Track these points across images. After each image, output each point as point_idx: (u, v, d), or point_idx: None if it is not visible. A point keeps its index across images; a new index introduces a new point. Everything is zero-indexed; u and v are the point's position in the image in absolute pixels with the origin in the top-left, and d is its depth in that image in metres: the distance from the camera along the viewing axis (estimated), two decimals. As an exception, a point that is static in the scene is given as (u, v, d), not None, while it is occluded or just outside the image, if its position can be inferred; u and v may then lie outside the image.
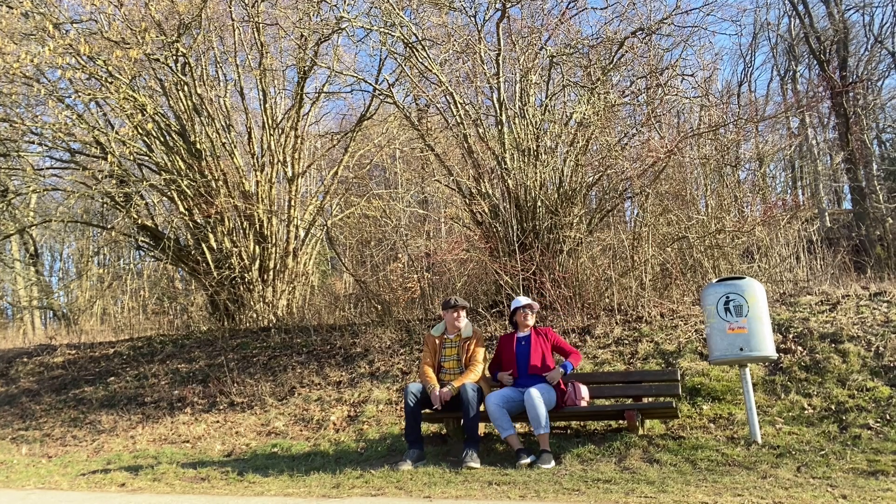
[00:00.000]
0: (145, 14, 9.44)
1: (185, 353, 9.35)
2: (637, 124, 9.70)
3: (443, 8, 9.12)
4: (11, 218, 13.03)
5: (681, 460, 4.55)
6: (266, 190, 10.76)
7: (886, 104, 18.41)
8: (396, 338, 7.90)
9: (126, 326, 13.38)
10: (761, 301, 4.83)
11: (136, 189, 10.21)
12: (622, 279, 7.95)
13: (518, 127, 8.39)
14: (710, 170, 9.20)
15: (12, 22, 8.56)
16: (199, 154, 10.42)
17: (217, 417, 7.15)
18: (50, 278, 20.10)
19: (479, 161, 8.52)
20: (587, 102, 8.33)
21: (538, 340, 5.30)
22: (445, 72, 8.79)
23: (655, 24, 8.77)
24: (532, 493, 4.02)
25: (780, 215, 9.20)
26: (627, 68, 9.43)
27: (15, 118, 9.79)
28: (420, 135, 9.58)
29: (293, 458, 5.67)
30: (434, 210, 13.12)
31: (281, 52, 11.73)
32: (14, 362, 10.55)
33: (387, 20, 8.45)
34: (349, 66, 11.48)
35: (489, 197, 8.34)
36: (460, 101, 8.45)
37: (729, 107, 10.68)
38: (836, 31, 16.53)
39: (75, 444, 7.18)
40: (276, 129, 10.90)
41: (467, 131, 8.42)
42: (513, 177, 8.08)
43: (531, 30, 9.18)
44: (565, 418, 5.35)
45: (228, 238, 10.52)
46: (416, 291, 9.74)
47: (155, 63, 9.77)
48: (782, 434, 4.78)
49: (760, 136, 11.18)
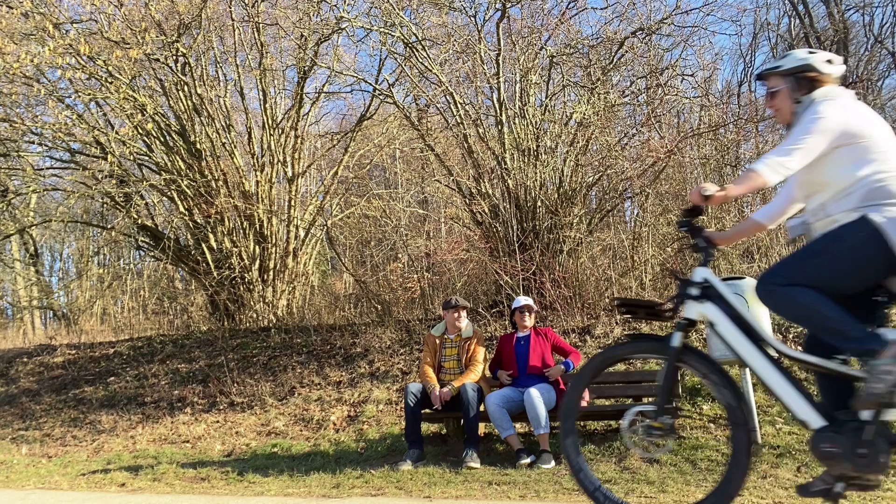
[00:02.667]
0: (145, 14, 9.44)
1: (185, 353, 9.35)
2: (637, 124, 9.71)
3: (443, 8, 9.12)
4: (11, 218, 13.02)
5: (681, 460, 4.55)
6: (266, 190, 10.75)
7: (886, 104, 18.40)
8: (396, 338, 7.90)
9: (126, 326, 13.38)
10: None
11: (136, 189, 10.20)
12: (622, 279, 7.95)
13: (518, 127, 8.39)
14: (710, 170, 9.20)
15: (12, 22, 8.56)
16: (199, 154, 10.41)
17: (217, 417, 7.15)
18: (50, 278, 20.10)
19: (479, 161, 8.52)
20: (587, 102, 8.33)
21: (538, 340, 5.30)
22: (445, 72, 8.79)
23: (655, 24, 8.77)
24: (532, 493, 4.02)
25: (780, 215, 9.19)
26: (627, 68, 9.44)
27: (15, 118, 9.78)
28: (420, 135, 9.58)
29: (293, 458, 5.67)
30: (434, 210, 13.12)
31: (281, 52, 11.74)
32: (14, 362, 10.55)
33: (387, 20, 8.46)
34: (349, 66, 11.48)
35: (489, 197, 8.34)
36: (460, 101, 8.45)
37: (729, 107, 10.67)
38: (836, 31, 16.53)
39: (75, 444, 7.18)
40: (276, 129, 10.90)
41: (467, 131, 8.42)
42: (513, 177, 8.08)
43: (531, 30, 9.18)
44: (565, 418, 5.35)
45: (228, 238, 10.51)
46: (416, 291, 9.74)
47: (155, 63, 9.77)
48: (782, 434, 4.78)
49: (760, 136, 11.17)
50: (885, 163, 2.38)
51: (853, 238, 2.34)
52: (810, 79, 2.58)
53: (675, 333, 2.62)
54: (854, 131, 2.42)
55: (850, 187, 2.39)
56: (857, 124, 2.43)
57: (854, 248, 2.34)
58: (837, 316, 2.32)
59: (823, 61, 2.59)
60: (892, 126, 2.52)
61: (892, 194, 2.32)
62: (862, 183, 2.37)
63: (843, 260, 2.36)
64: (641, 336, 3.19)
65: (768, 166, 2.42)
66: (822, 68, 2.58)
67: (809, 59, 2.59)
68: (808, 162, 2.44)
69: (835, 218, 2.42)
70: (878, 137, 2.43)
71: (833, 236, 2.41)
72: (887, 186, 2.34)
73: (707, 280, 2.60)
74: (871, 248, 2.31)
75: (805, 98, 2.57)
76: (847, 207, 2.39)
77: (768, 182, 2.43)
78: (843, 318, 2.31)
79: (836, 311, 2.32)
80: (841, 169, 2.42)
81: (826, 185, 2.47)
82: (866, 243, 2.31)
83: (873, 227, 2.30)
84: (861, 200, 2.36)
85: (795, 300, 2.39)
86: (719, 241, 2.81)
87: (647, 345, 2.87)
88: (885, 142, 2.44)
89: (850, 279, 2.39)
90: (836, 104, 2.47)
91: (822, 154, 2.43)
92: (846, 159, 2.41)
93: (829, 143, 2.42)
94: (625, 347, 2.87)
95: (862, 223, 2.33)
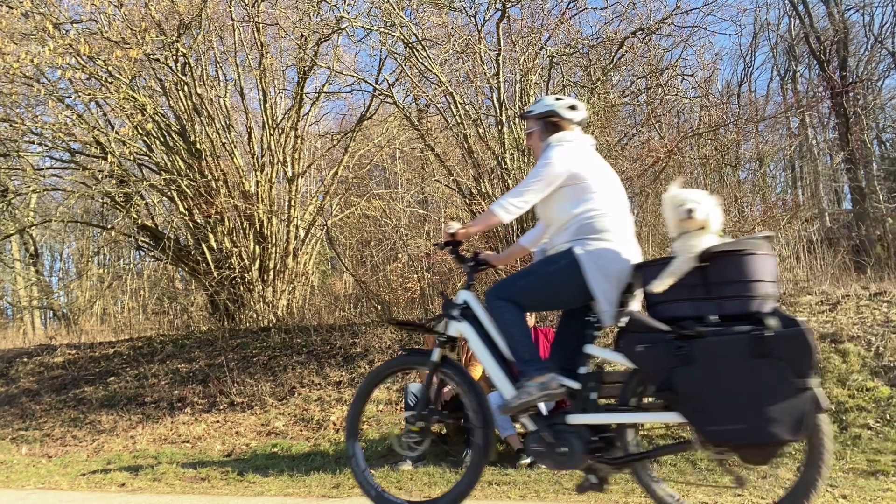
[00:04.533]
0: (145, 14, 9.43)
1: (185, 353, 9.34)
2: (637, 124, 9.71)
3: (443, 8, 9.12)
4: (11, 218, 13.01)
5: (681, 460, 4.55)
6: (266, 190, 10.74)
7: (886, 104, 18.40)
8: (396, 338, 7.90)
9: (126, 326, 13.37)
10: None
11: (136, 189, 10.20)
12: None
13: (518, 127, 8.39)
14: (710, 170, 9.21)
15: (12, 22, 8.56)
16: (199, 154, 10.40)
17: (217, 417, 7.15)
18: (50, 278, 20.10)
19: (479, 161, 8.52)
20: (587, 102, 8.33)
21: (539, 341, 5.30)
22: (445, 72, 8.79)
23: (655, 24, 8.78)
24: (532, 493, 4.02)
25: (780, 215, 9.21)
26: (627, 68, 9.45)
27: (15, 118, 9.77)
28: (420, 135, 9.58)
29: (293, 458, 5.67)
30: (434, 210, 13.12)
31: (281, 52, 11.73)
32: (14, 362, 10.55)
33: (387, 20, 8.46)
34: (349, 66, 11.48)
35: (489, 197, 8.34)
36: (460, 101, 8.45)
37: (729, 107, 10.69)
38: (836, 31, 16.52)
39: (75, 444, 7.18)
40: (276, 129, 10.89)
41: (467, 131, 8.42)
42: (513, 177, 8.08)
43: (531, 30, 9.18)
44: (565, 418, 5.35)
45: (228, 238, 10.51)
46: (416, 291, 9.73)
47: (155, 63, 9.76)
48: (782, 434, 4.78)
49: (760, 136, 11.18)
50: (596, 202, 2.73)
51: (557, 264, 2.73)
52: (554, 123, 2.93)
53: (435, 349, 3.03)
54: (575, 173, 2.75)
55: (568, 223, 2.75)
56: (579, 167, 2.76)
57: (557, 272, 2.71)
58: (521, 338, 2.74)
59: (566, 107, 2.93)
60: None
61: (596, 230, 2.69)
62: (576, 219, 2.73)
63: (548, 281, 2.75)
64: (413, 351, 3.47)
65: (502, 207, 2.79)
66: (565, 114, 2.93)
67: (554, 105, 2.94)
68: (538, 201, 2.81)
69: (557, 248, 2.79)
70: (595, 179, 2.78)
71: (546, 260, 2.82)
72: (593, 223, 2.70)
73: (466, 302, 3.00)
74: (569, 274, 2.66)
75: (546, 141, 2.90)
76: (564, 240, 2.76)
77: (502, 220, 2.82)
78: (524, 341, 2.73)
79: (523, 334, 2.74)
80: (562, 206, 2.78)
81: (553, 220, 2.86)
82: (566, 269, 2.68)
83: (574, 258, 2.66)
84: (573, 234, 2.72)
85: (501, 315, 2.79)
86: (495, 262, 3.21)
87: (415, 358, 3.25)
88: (601, 183, 2.78)
89: (554, 297, 2.79)
90: (564, 149, 2.81)
91: (550, 193, 2.78)
92: (566, 198, 2.76)
93: (555, 184, 2.76)
94: (398, 360, 3.34)
95: (567, 253, 2.70)
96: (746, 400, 2.24)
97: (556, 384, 2.61)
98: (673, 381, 2.34)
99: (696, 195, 2.48)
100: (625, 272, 2.64)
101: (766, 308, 2.38)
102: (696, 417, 2.34)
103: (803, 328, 2.25)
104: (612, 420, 2.64)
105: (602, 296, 2.62)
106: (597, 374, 2.68)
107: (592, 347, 2.66)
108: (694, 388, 2.31)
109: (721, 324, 2.34)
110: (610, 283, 2.62)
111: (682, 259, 2.40)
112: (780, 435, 2.21)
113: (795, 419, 2.19)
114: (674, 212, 2.50)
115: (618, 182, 2.90)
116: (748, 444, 2.29)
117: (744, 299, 2.35)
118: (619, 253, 2.67)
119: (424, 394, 3.12)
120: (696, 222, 2.44)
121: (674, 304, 2.42)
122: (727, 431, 2.28)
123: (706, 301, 2.37)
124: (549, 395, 2.60)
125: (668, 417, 2.50)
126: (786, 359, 2.21)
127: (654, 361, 2.39)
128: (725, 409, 2.27)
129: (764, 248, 2.43)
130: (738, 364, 2.25)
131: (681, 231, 2.50)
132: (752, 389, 2.23)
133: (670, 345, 2.36)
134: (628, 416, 2.60)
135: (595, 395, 2.63)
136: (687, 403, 2.34)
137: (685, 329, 2.36)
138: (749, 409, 2.22)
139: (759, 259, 2.40)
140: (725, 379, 2.27)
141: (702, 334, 2.32)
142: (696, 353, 2.31)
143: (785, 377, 2.21)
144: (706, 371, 2.29)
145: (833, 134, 17.80)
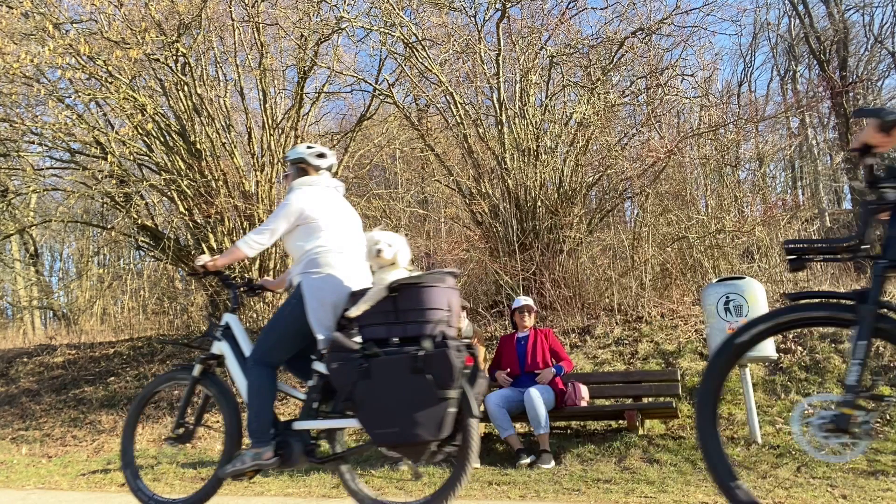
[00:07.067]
0: (145, 14, 9.43)
1: (185, 353, 9.34)
2: (637, 124, 9.72)
3: (443, 8, 9.12)
4: (11, 218, 13.00)
5: (681, 460, 4.55)
6: (266, 190, 10.74)
7: (886, 104, 18.40)
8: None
9: (126, 326, 13.37)
10: (761, 301, 4.84)
11: (136, 189, 10.19)
12: (622, 279, 7.95)
13: (518, 127, 8.39)
14: (710, 170, 9.20)
15: (12, 22, 8.56)
16: (199, 154, 10.40)
17: (217, 417, 7.14)
18: (50, 278, 20.08)
19: (479, 161, 8.52)
20: (587, 102, 8.33)
21: (538, 340, 5.30)
22: (445, 72, 8.80)
23: (655, 24, 8.78)
24: (532, 493, 4.02)
25: (780, 215, 9.21)
26: (627, 68, 9.45)
27: (15, 118, 9.76)
28: (420, 135, 9.58)
29: (293, 458, 5.66)
30: (434, 210, 13.11)
31: (281, 52, 11.72)
32: (14, 362, 10.55)
33: (387, 20, 8.46)
34: (349, 66, 11.47)
35: (489, 197, 8.34)
36: (460, 101, 8.45)
37: (729, 107, 10.69)
38: (836, 31, 16.52)
39: (75, 444, 7.18)
40: (276, 129, 10.88)
41: (467, 131, 8.42)
42: (513, 177, 8.08)
43: (531, 30, 9.18)
44: (565, 418, 5.35)
45: (228, 238, 10.50)
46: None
47: (155, 63, 9.76)
48: (782, 434, 4.78)
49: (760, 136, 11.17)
50: (324, 239, 3.05)
51: (289, 303, 3.03)
52: (303, 168, 3.29)
53: (196, 364, 3.36)
54: (309, 214, 3.07)
55: (300, 257, 3.07)
56: (313, 208, 3.09)
57: (290, 310, 3.01)
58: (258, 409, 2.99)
59: (314, 155, 3.29)
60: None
61: (320, 264, 3.00)
62: (307, 254, 3.04)
63: (285, 323, 3.04)
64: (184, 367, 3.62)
65: (246, 243, 3.11)
66: (312, 161, 3.28)
67: (304, 153, 3.29)
68: (278, 238, 3.13)
69: (293, 281, 3.09)
70: (327, 219, 3.10)
71: (283, 304, 3.10)
72: (318, 258, 3.01)
73: (228, 323, 3.30)
74: (300, 307, 2.96)
75: (292, 184, 3.24)
76: (297, 272, 3.07)
77: (247, 255, 3.14)
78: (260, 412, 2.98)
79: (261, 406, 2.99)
80: (297, 243, 3.10)
81: (292, 254, 3.18)
82: (296, 305, 2.97)
83: (300, 291, 2.98)
84: (303, 268, 3.03)
85: (252, 381, 3.05)
86: (271, 287, 3.53)
87: (178, 374, 3.55)
88: (331, 223, 3.11)
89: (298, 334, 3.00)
90: (303, 192, 3.14)
91: (288, 231, 3.11)
92: (301, 235, 3.09)
93: (292, 223, 3.08)
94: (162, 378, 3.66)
95: (297, 287, 3.01)
96: (401, 407, 2.63)
97: (269, 455, 2.93)
98: (354, 392, 2.72)
99: (388, 237, 2.89)
100: (342, 300, 2.94)
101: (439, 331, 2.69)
102: (367, 422, 2.73)
103: (448, 349, 2.60)
104: (313, 426, 3.02)
105: (316, 321, 2.93)
106: (319, 387, 3.00)
107: (318, 364, 2.98)
108: (367, 398, 2.70)
109: (399, 345, 2.70)
110: (325, 310, 2.94)
111: (374, 289, 2.78)
112: (424, 436, 2.60)
113: (436, 423, 2.60)
114: (368, 250, 2.89)
115: (354, 220, 3.31)
116: (402, 443, 2.67)
117: (422, 324, 2.70)
118: (339, 283, 2.98)
119: (183, 405, 3.47)
120: (386, 259, 2.84)
121: (373, 327, 2.79)
122: (386, 434, 2.68)
123: (395, 325, 2.74)
124: (259, 464, 2.93)
125: (350, 423, 2.90)
126: (433, 373, 2.60)
127: (344, 376, 2.74)
128: (385, 415, 2.67)
129: (447, 281, 2.80)
130: (399, 378, 2.65)
131: (377, 266, 2.90)
132: (406, 399, 2.63)
133: (355, 362, 2.71)
134: (321, 423, 3.01)
135: (316, 404, 3.00)
136: (361, 411, 2.74)
137: (366, 349, 2.73)
138: (401, 415, 2.62)
139: (437, 291, 2.75)
140: (389, 390, 2.66)
141: (376, 354, 2.69)
142: (372, 369, 2.69)
143: (430, 388, 2.60)
144: (377, 384, 2.67)
145: (833, 134, 17.80)
